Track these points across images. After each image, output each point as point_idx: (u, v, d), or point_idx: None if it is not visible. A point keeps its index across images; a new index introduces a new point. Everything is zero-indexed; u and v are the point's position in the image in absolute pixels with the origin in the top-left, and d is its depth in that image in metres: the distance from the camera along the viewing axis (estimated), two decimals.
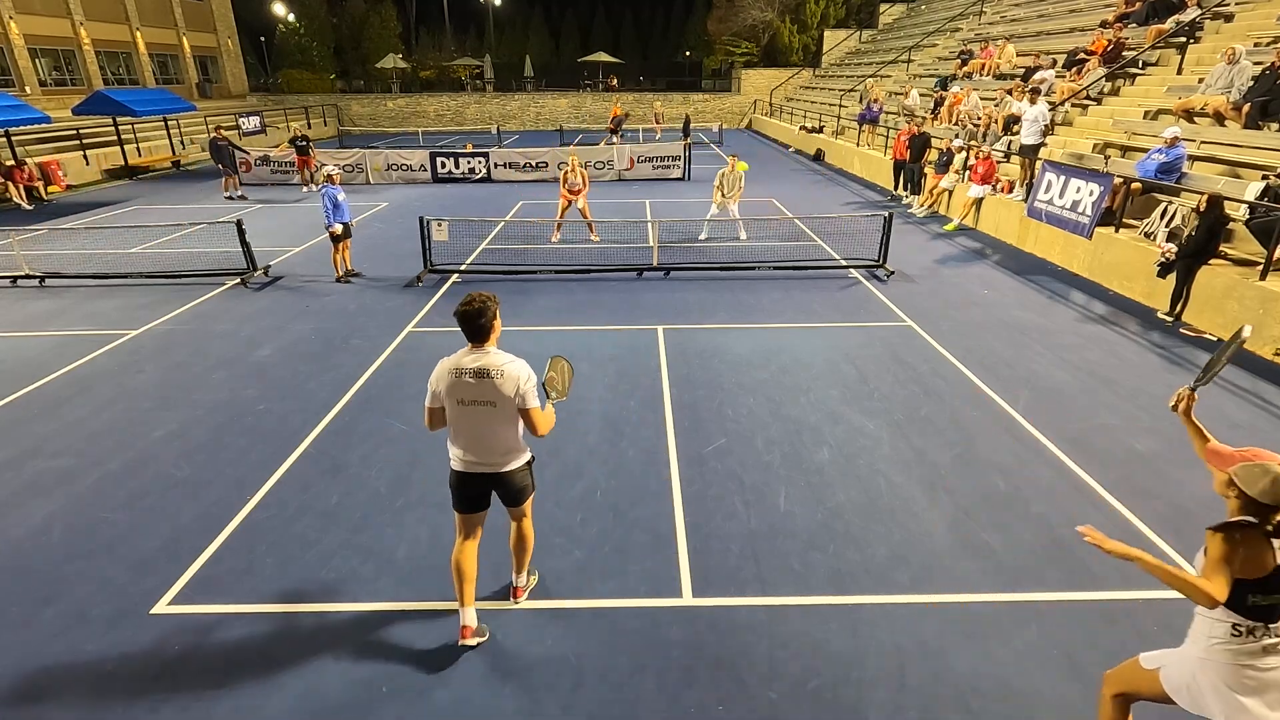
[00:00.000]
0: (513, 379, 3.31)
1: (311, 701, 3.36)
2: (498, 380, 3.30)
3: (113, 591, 4.09)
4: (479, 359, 3.34)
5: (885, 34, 32.37)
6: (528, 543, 3.85)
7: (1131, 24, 14.64)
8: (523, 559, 3.91)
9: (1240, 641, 2.45)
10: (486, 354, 3.36)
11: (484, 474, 3.49)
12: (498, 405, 3.33)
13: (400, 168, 19.70)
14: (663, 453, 5.52)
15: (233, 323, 8.58)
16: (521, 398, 3.33)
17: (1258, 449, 2.48)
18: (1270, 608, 2.35)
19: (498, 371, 3.30)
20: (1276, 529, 2.33)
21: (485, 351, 3.37)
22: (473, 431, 3.40)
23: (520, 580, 3.98)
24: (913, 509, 4.78)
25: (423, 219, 10.29)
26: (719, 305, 9.00)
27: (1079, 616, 3.84)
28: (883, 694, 3.36)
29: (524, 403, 3.34)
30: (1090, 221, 9.99)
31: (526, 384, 3.34)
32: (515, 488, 3.58)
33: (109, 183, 20.58)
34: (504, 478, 3.52)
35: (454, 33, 55.54)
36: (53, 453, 5.64)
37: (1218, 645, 2.52)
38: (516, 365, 3.36)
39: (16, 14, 24.97)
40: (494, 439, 3.42)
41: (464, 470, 3.49)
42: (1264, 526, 2.33)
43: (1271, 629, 2.39)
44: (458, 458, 3.47)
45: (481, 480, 3.52)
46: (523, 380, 3.33)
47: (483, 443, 3.42)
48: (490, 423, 3.37)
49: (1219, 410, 6.12)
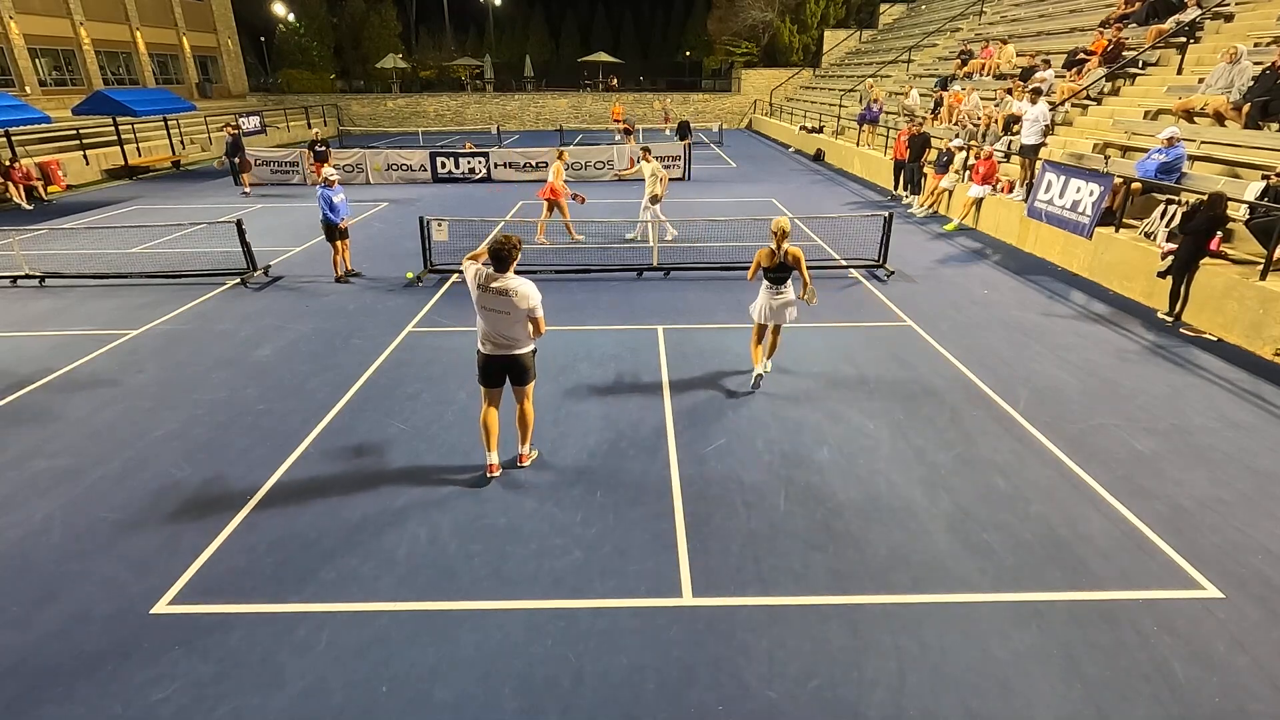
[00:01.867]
0: (524, 297, 4.67)
1: (311, 701, 3.36)
2: (514, 298, 4.66)
3: (113, 591, 4.09)
4: (501, 281, 4.67)
5: (885, 34, 32.37)
6: (528, 420, 5.20)
7: (1131, 24, 14.64)
8: (525, 433, 5.24)
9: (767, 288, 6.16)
10: (506, 279, 4.68)
11: (501, 356, 4.87)
12: (511, 314, 4.71)
13: (400, 168, 19.70)
14: (663, 453, 5.52)
15: (233, 323, 8.58)
16: (531, 309, 4.70)
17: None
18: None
19: (513, 291, 4.66)
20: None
21: (505, 276, 4.69)
22: (494, 328, 4.79)
23: (524, 449, 5.30)
24: (913, 509, 4.78)
25: (423, 219, 10.30)
26: (719, 305, 9.00)
27: (1079, 616, 3.84)
28: (883, 694, 3.36)
29: (533, 313, 4.72)
30: (1090, 221, 9.99)
31: (533, 300, 4.69)
32: (521, 368, 4.92)
33: (109, 183, 20.57)
34: (516, 359, 4.88)
35: (454, 33, 55.54)
36: (53, 453, 5.64)
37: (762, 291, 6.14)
38: (527, 286, 4.70)
39: (16, 14, 24.97)
40: (509, 333, 4.79)
41: (488, 354, 4.89)
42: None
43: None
44: (484, 345, 4.88)
45: (500, 361, 4.89)
46: (531, 297, 4.69)
47: (502, 336, 4.80)
48: (507, 323, 4.76)
49: (1220, 410, 6.13)
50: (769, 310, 6.27)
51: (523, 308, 4.68)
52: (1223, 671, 3.47)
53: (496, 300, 4.68)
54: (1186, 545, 4.39)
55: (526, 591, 4.05)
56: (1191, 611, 3.86)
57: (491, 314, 4.75)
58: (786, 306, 6.23)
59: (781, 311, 6.25)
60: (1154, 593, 4.00)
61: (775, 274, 6.11)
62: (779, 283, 6.14)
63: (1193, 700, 3.32)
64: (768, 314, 6.29)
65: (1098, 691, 3.37)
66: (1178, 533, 4.52)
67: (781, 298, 6.19)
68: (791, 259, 5.96)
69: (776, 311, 6.25)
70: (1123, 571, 4.18)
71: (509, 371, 4.93)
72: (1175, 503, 4.83)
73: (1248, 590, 4.01)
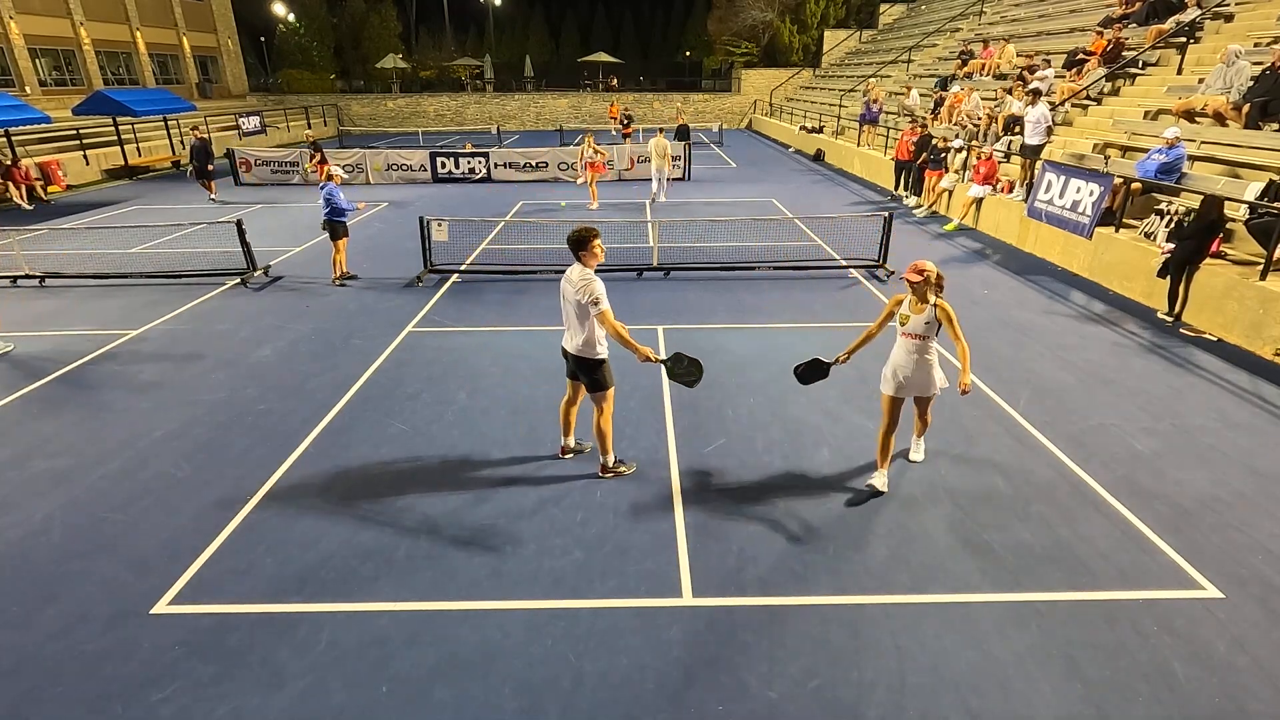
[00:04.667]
0: (578, 285, 4.53)
1: (311, 701, 3.36)
2: (571, 287, 4.61)
3: (113, 591, 4.09)
4: (570, 270, 4.66)
5: (885, 34, 32.37)
6: (600, 433, 5.01)
7: (1131, 24, 14.64)
8: (602, 443, 5.06)
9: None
10: (574, 268, 4.64)
11: (567, 350, 4.88)
12: (569, 302, 4.67)
13: (400, 168, 19.70)
14: (663, 453, 5.52)
15: (233, 323, 8.58)
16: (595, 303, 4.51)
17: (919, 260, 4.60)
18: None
19: (569, 280, 4.64)
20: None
21: (575, 266, 4.64)
22: (565, 319, 4.80)
23: (606, 460, 5.14)
24: (913, 509, 4.78)
25: (423, 219, 10.29)
26: (719, 305, 9.00)
27: (1079, 616, 3.84)
28: (883, 694, 3.36)
29: (595, 307, 4.54)
30: (1090, 221, 9.99)
31: (583, 290, 4.51)
32: (585, 373, 4.84)
33: (109, 183, 20.58)
34: (577, 359, 4.81)
35: (454, 33, 55.54)
36: (53, 453, 5.64)
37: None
38: (595, 283, 4.54)
39: (16, 14, 24.96)
40: (572, 328, 4.75)
41: (564, 345, 4.91)
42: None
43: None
44: (564, 337, 4.88)
45: (567, 355, 4.90)
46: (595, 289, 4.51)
47: (568, 328, 4.80)
48: (569, 315, 4.73)
49: (1220, 410, 6.13)
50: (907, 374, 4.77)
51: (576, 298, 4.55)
52: (1223, 671, 3.47)
53: (564, 289, 4.72)
54: (1186, 545, 4.39)
55: (526, 591, 4.05)
56: (1191, 611, 3.86)
57: (563, 304, 4.77)
58: (933, 368, 4.75)
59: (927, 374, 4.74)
60: (1154, 593, 4.00)
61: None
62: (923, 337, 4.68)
63: (1193, 700, 3.32)
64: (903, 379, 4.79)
65: (1098, 691, 3.37)
66: (1178, 533, 4.52)
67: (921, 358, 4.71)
68: (940, 314, 4.56)
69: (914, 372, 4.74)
70: (1123, 571, 4.18)
71: (578, 369, 4.87)
72: (1175, 503, 4.83)
73: (1248, 590, 4.01)
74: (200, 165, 16.65)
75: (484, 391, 6.60)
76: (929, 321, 4.59)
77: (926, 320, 4.60)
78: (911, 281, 4.56)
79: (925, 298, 4.59)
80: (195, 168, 16.85)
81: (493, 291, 9.75)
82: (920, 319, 4.62)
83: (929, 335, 4.65)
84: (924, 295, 4.59)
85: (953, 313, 4.51)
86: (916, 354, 4.71)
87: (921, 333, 4.64)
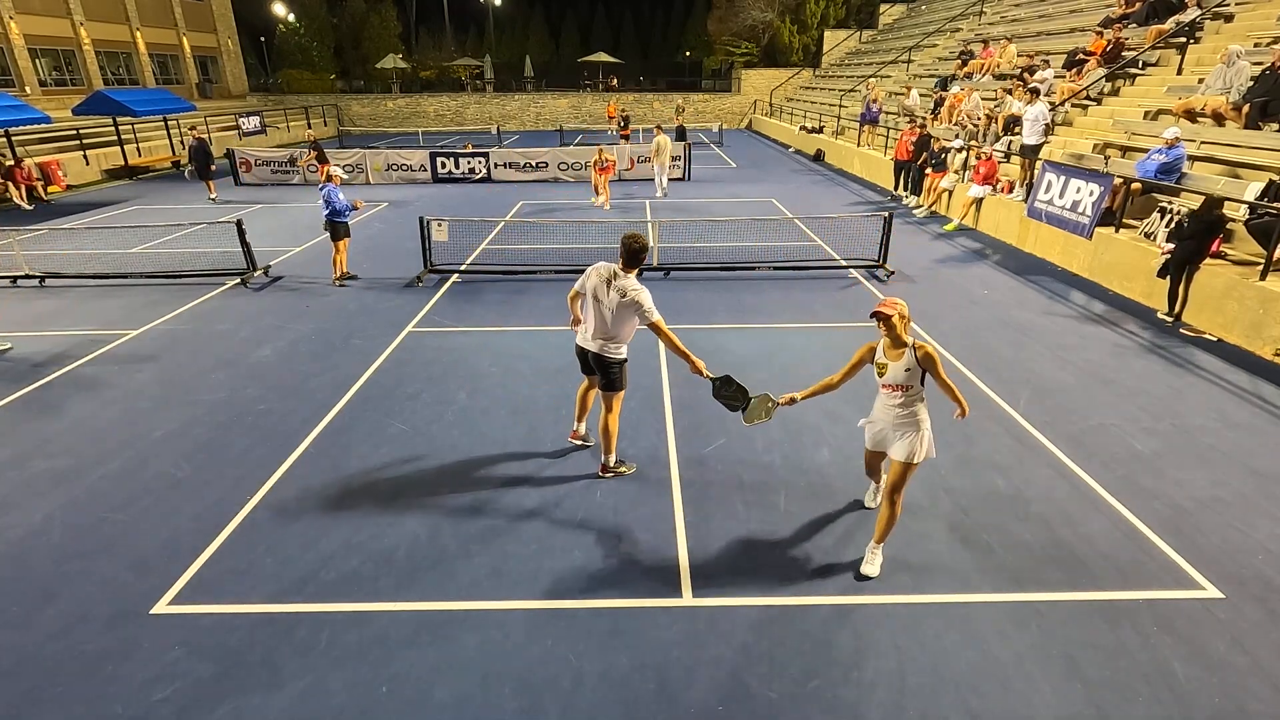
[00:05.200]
0: (632, 300, 4.66)
1: (311, 702, 3.36)
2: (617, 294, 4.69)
3: (113, 591, 4.09)
4: (622, 280, 4.72)
5: (885, 34, 32.37)
6: (606, 432, 5.09)
7: (1131, 24, 14.64)
8: (607, 442, 5.12)
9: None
10: (628, 278, 4.73)
11: (588, 350, 4.95)
12: (607, 305, 4.74)
13: (400, 168, 19.70)
14: (663, 453, 5.52)
15: (233, 323, 8.58)
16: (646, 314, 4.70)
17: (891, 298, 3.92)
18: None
19: (616, 288, 4.71)
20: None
21: (628, 276, 4.74)
22: (595, 320, 4.85)
23: (607, 460, 5.18)
24: (913, 509, 4.77)
25: (423, 219, 10.29)
26: (719, 305, 9.00)
27: (1079, 616, 3.84)
28: (883, 694, 3.36)
29: (648, 317, 4.71)
30: (1090, 222, 9.99)
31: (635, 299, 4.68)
32: (605, 370, 4.95)
33: (109, 183, 20.58)
34: (600, 357, 4.91)
35: (454, 33, 55.55)
36: (53, 453, 5.64)
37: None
38: (644, 293, 4.71)
39: (16, 14, 24.95)
40: (604, 329, 4.84)
41: (580, 344, 5.03)
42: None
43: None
44: (581, 335, 5.00)
45: (586, 354, 5.01)
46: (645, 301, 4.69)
47: (596, 329, 4.87)
48: (601, 316, 4.81)
49: (1220, 410, 6.13)
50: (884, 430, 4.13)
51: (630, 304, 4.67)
52: (1223, 671, 3.47)
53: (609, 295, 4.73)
54: (1186, 545, 4.39)
55: (526, 591, 4.05)
56: (1191, 611, 3.86)
57: (597, 305, 4.80)
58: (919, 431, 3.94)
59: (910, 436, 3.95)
60: (1154, 593, 4.00)
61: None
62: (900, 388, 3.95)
63: (1193, 700, 3.32)
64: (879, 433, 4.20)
65: (1098, 691, 3.37)
66: (1178, 533, 4.52)
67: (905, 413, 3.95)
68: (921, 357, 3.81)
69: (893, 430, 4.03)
70: (1123, 571, 4.18)
71: (597, 366, 4.98)
72: (1175, 503, 4.83)
73: (1248, 590, 4.01)
74: (201, 165, 16.68)
75: (484, 391, 6.60)
76: (909, 369, 3.83)
77: (906, 367, 3.84)
78: (882, 316, 3.82)
79: (900, 340, 3.88)
80: (196, 168, 16.85)
81: (493, 291, 9.75)
82: (899, 366, 3.87)
83: (912, 385, 3.89)
84: (898, 338, 3.88)
85: (936, 354, 3.80)
86: (899, 408, 3.96)
87: (903, 382, 3.89)
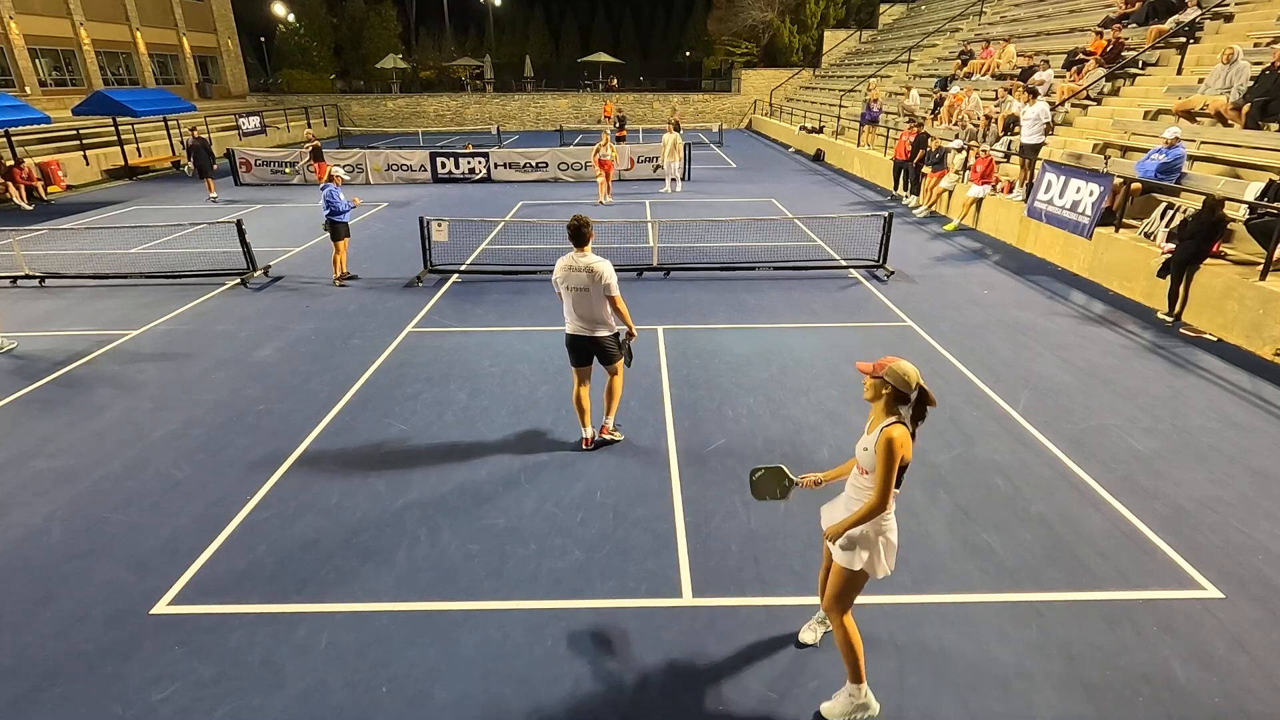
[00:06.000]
0: (599, 272, 4.91)
1: (311, 702, 3.36)
2: (589, 275, 4.93)
3: (113, 591, 4.09)
4: (587, 259, 4.96)
5: (885, 34, 32.38)
6: (615, 393, 5.46)
7: (1131, 24, 14.64)
8: (611, 405, 5.50)
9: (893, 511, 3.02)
10: (585, 256, 4.97)
11: (583, 336, 5.13)
12: (590, 290, 4.97)
13: (400, 168, 19.71)
14: (663, 453, 5.52)
15: (233, 323, 8.58)
16: (606, 286, 4.96)
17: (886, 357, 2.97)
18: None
19: (589, 270, 4.94)
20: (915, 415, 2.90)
21: (584, 254, 4.98)
22: (577, 307, 5.04)
23: (608, 422, 5.55)
24: (913, 509, 4.77)
25: (423, 219, 10.29)
26: (719, 305, 9.00)
27: (1079, 616, 3.84)
28: (883, 694, 3.35)
29: (608, 290, 4.97)
30: (1090, 222, 9.99)
31: (609, 276, 4.95)
32: (604, 350, 5.22)
33: (109, 183, 20.58)
34: (597, 341, 5.16)
35: (454, 33, 55.55)
36: (53, 453, 5.64)
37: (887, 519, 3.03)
38: (604, 264, 4.97)
39: (16, 14, 24.96)
40: (589, 313, 5.05)
41: (572, 334, 5.19)
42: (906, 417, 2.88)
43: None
44: (569, 326, 5.16)
45: (583, 341, 5.17)
46: (607, 273, 4.95)
47: (583, 316, 5.06)
48: (583, 302, 5.01)
49: (1220, 410, 6.13)
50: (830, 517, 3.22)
51: (599, 282, 4.94)
52: (1223, 671, 3.47)
53: (578, 277, 4.97)
54: (1186, 545, 4.39)
55: (527, 592, 4.05)
56: (1191, 611, 3.86)
57: (573, 293, 5.04)
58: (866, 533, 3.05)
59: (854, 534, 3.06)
60: (1154, 593, 3.99)
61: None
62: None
63: (1193, 700, 3.32)
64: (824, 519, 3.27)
65: (1098, 691, 3.37)
66: (1178, 533, 4.52)
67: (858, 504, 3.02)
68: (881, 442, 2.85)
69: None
70: (1123, 571, 4.18)
71: (594, 351, 5.22)
72: (1175, 503, 4.83)
73: (1248, 590, 4.01)
74: (203, 165, 16.71)
75: (484, 391, 6.60)
76: (867, 449, 2.94)
77: (865, 447, 2.96)
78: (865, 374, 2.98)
79: (881, 409, 2.94)
80: (197, 167, 16.86)
81: (493, 291, 9.75)
82: (863, 440, 3.00)
83: (870, 471, 2.93)
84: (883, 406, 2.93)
85: (894, 452, 2.78)
86: (852, 492, 3.10)
87: (862, 464, 3.00)
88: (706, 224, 13.10)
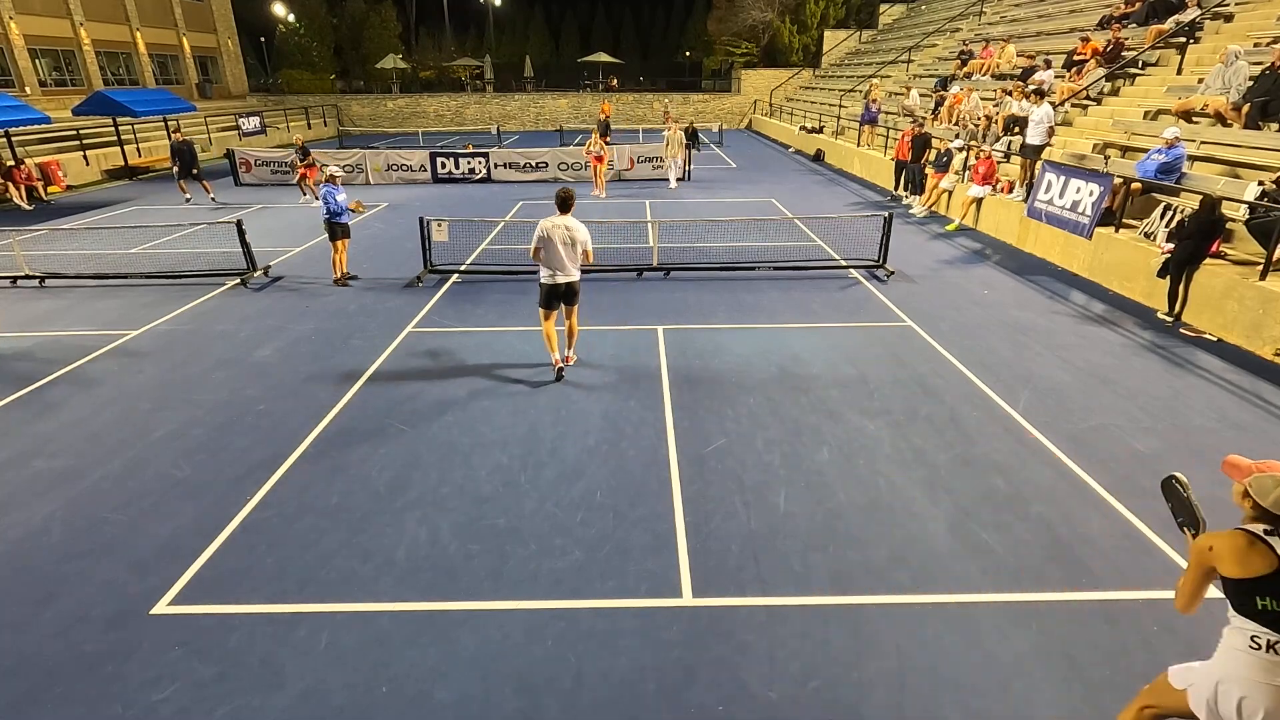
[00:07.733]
0: (582, 232, 6.44)
1: (311, 702, 3.36)
2: (577, 234, 6.41)
3: (113, 591, 4.09)
4: (567, 220, 6.40)
5: (885, 34, 32.38)
6: (574, 331, 6.93)
7: (1131, 24, 14.64)
8: (571, 340, 6.96)
9: (1260, 654, 2.26)
10: (568, 219, 6.41)
11: (560, 283, 6.49)
12: (574, 245, 6.42)
13: (400, 168, 19.70)
14: (663, 453, 5.52)
15: (233, 323, 8.58)
16: (584, 243, 6.45)
17: (1274, 461, 2.40)
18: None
19: (577, 228, 6.42)
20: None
21: (568, 218, 6.42)
22: (560, 259, 6.40)
23: (569, 352, 6.99)
24: (913, 509, 4.78)
25: (423, 219, 10.29)
26: (719, 305, 9.00)
27: (1079, 616, 3.84)
28: (883, 694, 3.36)
29: (585, 246, 6.47)
30: (1090, 222, 9.99)
31: (584, 234, 6.46)
32: (573, 292, 6.63)
33: (109, 183, 20.58)
34: (570, 284, 6.54)
35: (454, 33, 55.54)
36: (53, 453, 5.64)
37: (1238, 657, 2.33)
38: (580, 226, 6.46)
39: (16, 14, 24.94)
40: (569, 263, 6.44)
41: (552, 283, 6.49)
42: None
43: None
44: (549, 276, 6.47)
45: (559, 288, 6.53)
46: (583, 233, 6.45)
47: (564, 266, 6.43)
48: (568, 254, 6.41)
49: (1220, 410, 6.13)
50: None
51: (580, 240, 6.40)
52: None
53: (565, 234, 6.33)
54: (1186, 545, 4.38)
55: (527, 592, 4.05)
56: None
57: (560, 246, 6.33)
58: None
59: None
60: (1154, 593, 3.99)
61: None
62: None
63: None
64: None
65: (1098, 691, 3.37)
66: (1178, 533, 4.50)
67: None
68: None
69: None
70: (1123, 571, 4.18)
71: (569, 292, 6.58)
72: None
73: None
74: (184, 166, 16.13)
75: (484, 392, 6.60)
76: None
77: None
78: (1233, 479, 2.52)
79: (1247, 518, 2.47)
80: (177, 169, 16.22)
81: (493, 292, 9.75)
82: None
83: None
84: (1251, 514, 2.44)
85: (1195, 554, 2.66)
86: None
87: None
88: (706, 224, 13.09)
